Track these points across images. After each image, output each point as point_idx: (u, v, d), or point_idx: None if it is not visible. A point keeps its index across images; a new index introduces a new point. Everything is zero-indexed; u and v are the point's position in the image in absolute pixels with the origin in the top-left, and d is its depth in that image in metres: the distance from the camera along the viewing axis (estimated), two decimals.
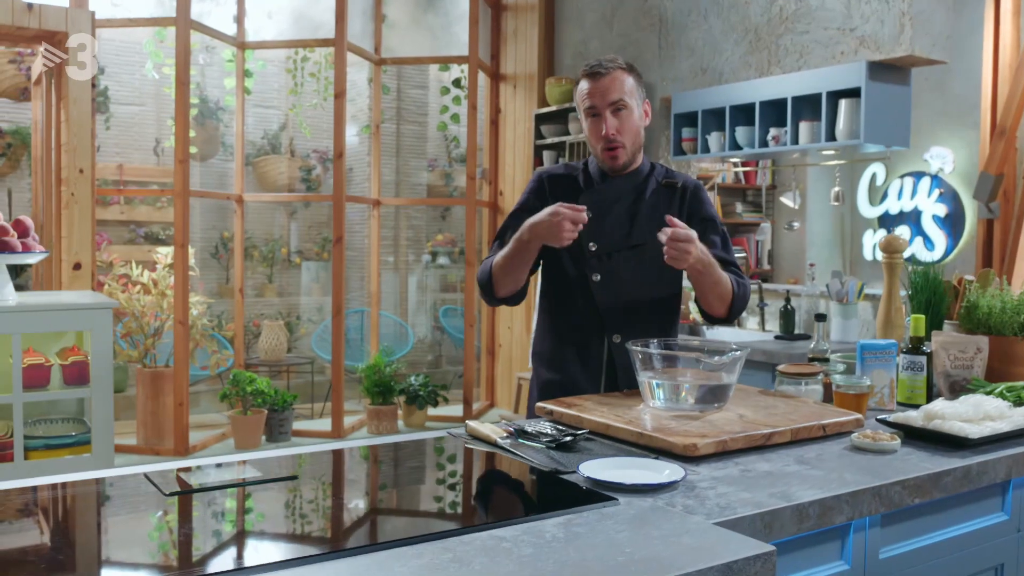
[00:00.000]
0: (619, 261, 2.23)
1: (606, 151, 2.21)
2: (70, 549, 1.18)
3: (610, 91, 2.18)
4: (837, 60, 4.11)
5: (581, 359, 2.23)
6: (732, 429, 1.72)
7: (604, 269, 2.23)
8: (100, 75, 6.54)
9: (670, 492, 1.44)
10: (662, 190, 2.31)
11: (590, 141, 2.25)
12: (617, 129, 2.19)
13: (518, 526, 1.25)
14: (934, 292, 2.32)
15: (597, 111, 2.19)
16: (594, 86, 2.20)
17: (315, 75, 5.99)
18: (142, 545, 1.20)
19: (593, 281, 2.22)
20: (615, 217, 2.26)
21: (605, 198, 2.26)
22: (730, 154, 4.61)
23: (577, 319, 2.25)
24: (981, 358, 2.19)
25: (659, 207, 2.26)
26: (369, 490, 1.50)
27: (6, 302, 3.04)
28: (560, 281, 2.28)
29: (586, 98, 2.21)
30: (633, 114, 2.23)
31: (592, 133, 2.23)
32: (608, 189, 2.27)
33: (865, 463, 1.63)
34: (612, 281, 2.23)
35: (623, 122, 2.21)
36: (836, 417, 1.84)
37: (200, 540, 1.20)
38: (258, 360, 6.84)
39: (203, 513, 1.33)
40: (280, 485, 1.45)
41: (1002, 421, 1.83)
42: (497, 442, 1.72)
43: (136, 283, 5.05)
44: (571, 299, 2.26)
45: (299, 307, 7.89)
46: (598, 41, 5.57)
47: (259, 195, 6.08)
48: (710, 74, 4.79)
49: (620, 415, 1.83)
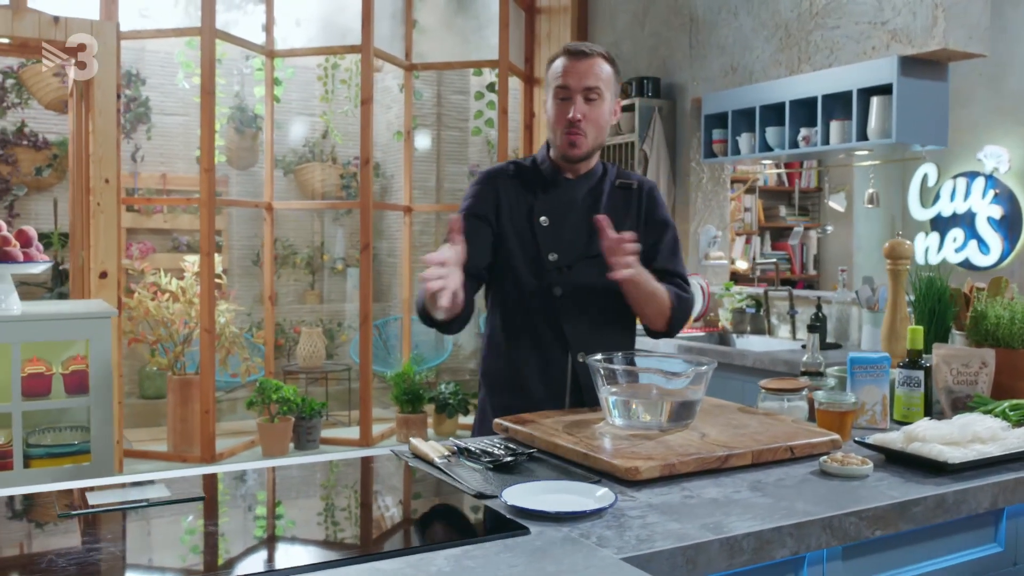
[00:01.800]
0: (581, 272, 2.06)
1: (567, 135, 2.04)
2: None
3: (587, 75, 2.03)
4: (868, 56, 3.92)
5: (543, 381, 2.07)
6: (686, 451, 1.60)
7: (565, 281, 2.06)
8: (142, 86, 6.66)
9: (592, 521, 1.33)
10: (618, 192, 2.15)
11: (551, 125, 2.09)
12: (585, 115, 2.03)
13: (404, 558, 1.16)
14: (938, 300, 2.15)
15: (568, 94, 2.03)
16: (571, 66, 2.04)
17: (346, 82, 5.98)
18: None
19: (555, 295, 2.06)
20: (573, 225, 2.09)
21: (561, 204, 2.10)
22: (760, 156, 4.44)
23: (537, 337, 2.08)
24: (987, 373, 2.02)
25: (617, 210, 2.10)
26: (265, 514, 1.42)
27: (10, 311, 3.07)
28: (516, 296, 2.10)
29: (560, 77, 2.04)
30: (604, 106, 2.08)
31: (557, 116, 2.05)
32: (563, 194, 2.10)
33: (828, 490, 1.50)
34: (575, 294, 2.07)
35: (593, 110, 2.05)
36: (808, 438, 1.70)
37: (61, 567, 1.13)
38: (296, 367, 6.86)
39: (84, 537, 1.26)
40: (181, 507, 1.38)
41: (992, 444, 1.67)
42: (434, 461, 1.63)
43: (165, 291, 5.10)
44: (529, 316, 2.09)
45: (341, 314, 7.91)
46: (630, 42, 5.45)
47: (288, 203, 6.10)
48: (740, 73, 4.62)
49: (574, 433, 1.73)
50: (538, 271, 2.07)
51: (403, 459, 1.69)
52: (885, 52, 3.83)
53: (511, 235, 2.10)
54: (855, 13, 3.98)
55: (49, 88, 6.16)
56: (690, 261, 5.00)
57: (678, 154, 5.09)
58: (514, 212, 2.11)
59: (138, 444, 5.95)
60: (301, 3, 5.46)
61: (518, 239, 2.10)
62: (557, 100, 2.05)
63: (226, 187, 7.23)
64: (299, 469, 1.66)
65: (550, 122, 2.09)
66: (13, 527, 1.32)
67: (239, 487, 1.56)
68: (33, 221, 6.66)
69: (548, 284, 2.06)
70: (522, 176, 2.14)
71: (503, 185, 2.13)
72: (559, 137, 2.06)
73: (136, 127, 6.76)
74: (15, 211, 6.55)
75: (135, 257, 6.71)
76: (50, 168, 6.50)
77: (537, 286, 2.07)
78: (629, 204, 2.14)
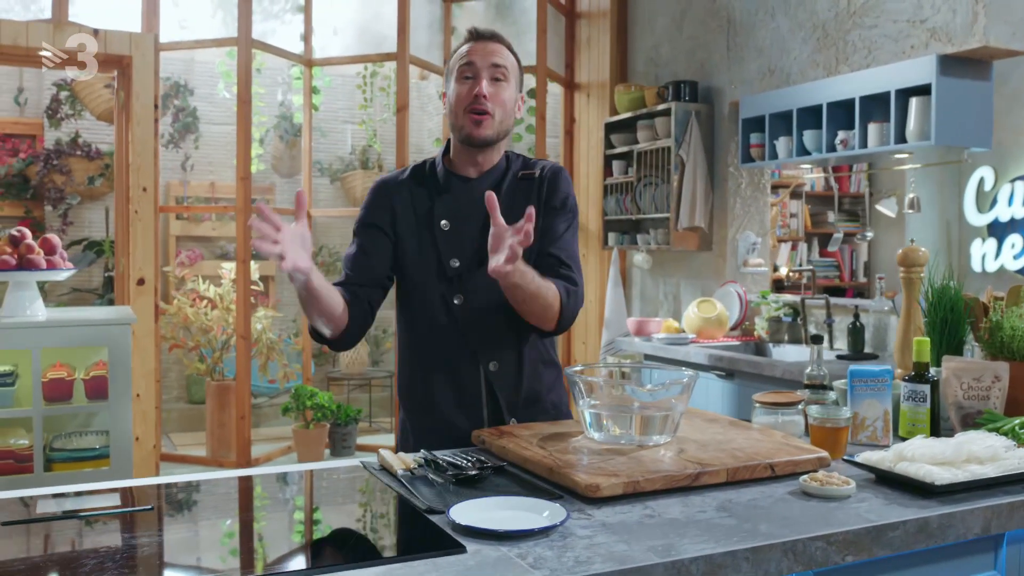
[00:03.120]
0: (482, 278, 1.84)
1: (472, 114, 1.90)
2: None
3: (493, 54, 1.93)
4: (907, 55, 3.77)
5: (456, 395, 1.95)
6: (656, 467, 1.53)
7: (466, 288, 1.93)
8: (189, 96, 6.79)
9: (537, 540, 1.27)
10: (519, 184, 2.00)
11: (452, 109, 1.95)
12: (491, 95, 1.91)
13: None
14: (951, 310, 2.03)
15: (473, 71, 1.92)
16: (476, 46, 1.94)
17: (384, 89, 6.01)
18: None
19: (454, 304, 1.93)
20: (474, 227, 1.94)
21: (462, 206, 1.96)
22: (798, 160, 4.30)
23: (445, 349, 1.95)
24: (1000, 388, 1.90)
25: (517, 202, 1.92)
26: (199, 528, 1.39)
27: (35, 317, 3.13)
28: (422, 306, 1.97)
29: (464, 56, 1.93)
30: (510, 90, 1.96)
31: (459, 95, 1.92)
32: (464, 195, 1.97)
33: (802, 511, 1.41)
34: (479, 301, 1.92)
35: (499, 91, 1.93)
36: (792, 455, 1.62)
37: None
38: (340, 373, 6.91)
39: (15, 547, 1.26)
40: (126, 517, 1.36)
41: (991, 465, 1.56)
42: (397, 474, 1.59)
43: (204, 298, 5.17)
44: (436, 326, 1.95)
45: (387, 320, 7.94)
46: (668, 46, 5.35)
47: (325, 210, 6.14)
48: (777, 75, 4.50)
49: (547, 447, 1.67)
50: (440, 279, 1.94)
51: (370, 471, 1.66)
52: (924, 51, 3.69)
53: (410, 243, 1.98)
54: (893, 11, 3.84)
55: (100, 99, 6.33)
56: (728, 268, 4.89)
57: (716, 159, 4.98)
58: (412, 219, 1.98)
59: (183, 448, 6.06)
60: (338, 12, 5.51)
61: (418, 246, 1.97)
62: (460, 81, 1.94)
63: (272, 195, 7.33)
64: (262, 480, 1.64)
65: (451, 105, 1.96)
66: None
67: (192, 497, 1.54)
68: (87, 229, 6.85)
69: (451, 292, 1.94)
70: (420, 180, 2.02)
71: (397, 191, 2.01)
72: (462, 117, 1.93)
73: (184, 137, 6.90)
74: (69, 219, 6.74)
75: (184, 264, 6.85)
76: (102, 177, 6.67)
77: (440, 295, 1.94)
78: (530, 193, 1.98)
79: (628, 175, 5.35)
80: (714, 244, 4.98)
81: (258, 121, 6.08)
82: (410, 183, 2.01)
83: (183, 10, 5.13)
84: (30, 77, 6.71)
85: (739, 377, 3.83)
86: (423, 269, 1.95)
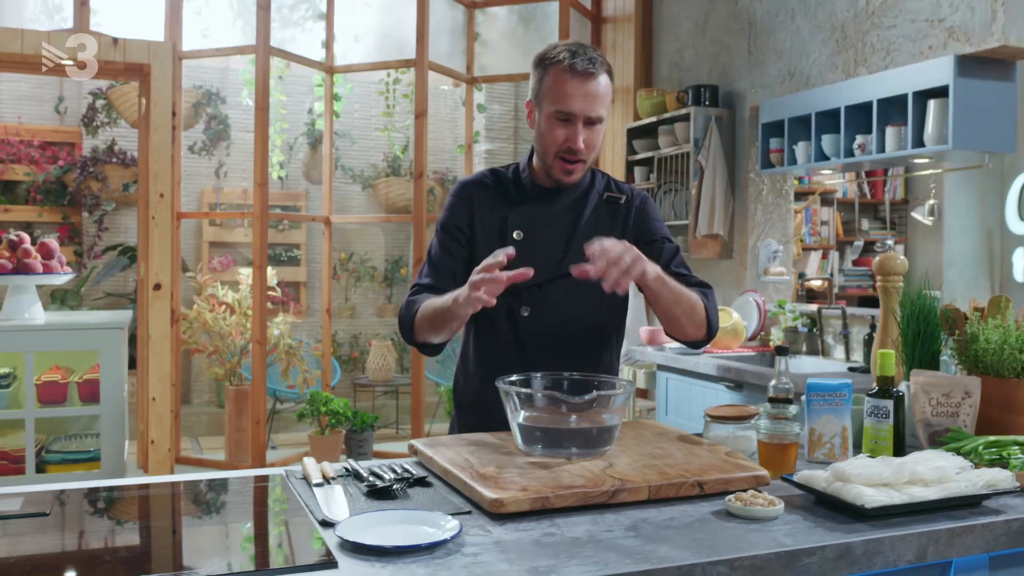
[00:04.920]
0: (551, 292, 1.93)
1: (565, 163, 1.89)
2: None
3: (595, 101, 1.83)
4: (925, 56, 3.62)
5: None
6: (573, 483, 1.46)
7: (534, 301, 1.94)
8: (221, 104, 6.89)
9: (416, 557, 1.21)
10: (604, 206, 2.01)
11: (543, 144, 1.90)
12: (586, 143, 1.87)
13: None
14: (925, 322, 1.92)
15: (572, 119, 1.85)
16: (578, 89, 1.82)
17: (408, 96, 6.00)
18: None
19: (522, 316, 1.94)
20: (549, 241, 1.95)
21: (538, 219, 1.97)
22: (817, 165, 4.17)
23: (507, 360, 1.95)
24: (970, 404, 1.78)
25: (600, 227, 1.96)
26: (63, 538, 1.35)
27: (33, 321, 3.17)
28: (487, 316, 1.95)
29: (563, 100, 1.83)
30: (603, 128, 1.91)
31: (552, 138, 1.87)
32: (542, 207, 1.97)
33: (715, 533, 1.33)
34: (542, 315, 1.94)
35: (594, 136, 1.89)
36: (726, 473, 1.53)
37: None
38: (367, 380, 6.92)
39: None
40: (14, 523, 1.34)
41: (936, 487, 1.46)
42: (310, 483, 1.55)
43: (222, 303, 5.22)
44: (500, 337, 1.98)
45: None
46: (692, 50, 5.25)
47: (345, 216, 6.15)
48: (797, 79, 4.37)
49: (474, 459, 1.61)
50: (509, 289, 1.87)
51: (290, 480, 1.62)
52: (942, 51, 3.53)
53: (483, 249, 1.97)
54: (912, 10, 3.69)
55: (134, 108, 6.45)
56: (748, 276, 4.76)
57: (737, 165, 4.86)
58: (488, 225, 1.99)
59: (208, 452, 6.13)
60: (360, 19, 5.52)
61: (489, 253, 1.94)
62: (554, 121, 1.87)
63: (304, 201, 7.39)
64: (172, 487, 1.61)
65: (541, 138, 1.91)
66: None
67: (98, 503, 1.51)
68: (122, 235, 6.99)
69: (515, 303, 1.93)
70: (500, 186, 2.02)
71: (478, 196, 2.02)
72: (552, 159, 1.91)
73: (216, 144, 7.00)
74: (104, 225, 6.88)
75: (216, 269, 6.94)
76: (136, 184, 6.79)
77: (506, 305, 1.93)
78: (615, 218, 1.99)
79: (649, 181, 5.25)
80: (734, 252, 4.85)
81: (280, 128, 6.13)
82: (491, 187, 2.02)
83: (205, 19, 5.19)
84: (70, 87, 6.87)
85: (747, 388, 3.71)
86: None
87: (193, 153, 6.98)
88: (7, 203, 6.71)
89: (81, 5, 4.53)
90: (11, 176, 6.68)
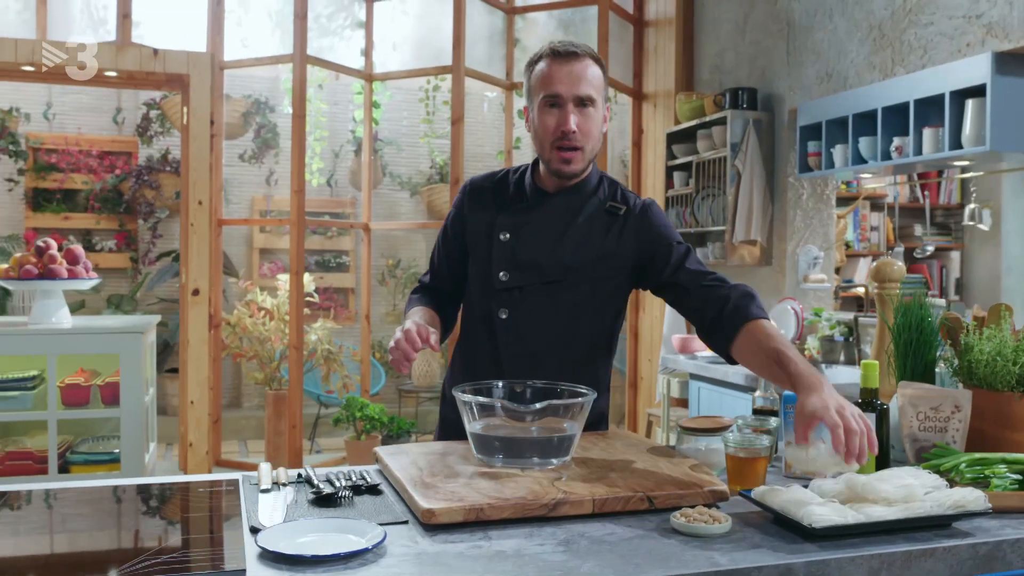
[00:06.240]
0: (532, 296, 1.88)
1: (561, 151, 1.81)
2: None
3: (580, 80, 1.79)
4: (963, 54, 3.47)
5: None
6: (515, 493, 1.42)
7: (514, 304, 1.89)
8: (270, 113, 7.01)
9: (330, 566, 1.19)
10: (601, 216, 1.91)
11: (539, 138, 1.85)
12: (579, 126, 1.81)
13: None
14: (919, 331, 1.82)
15: (559, 101, 1.80)
16: (561, 70, 1.79)
17: (448, 103, 6.00)
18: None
19: (499, 318, 1.90)
20: (536, 244, 1.89)
21: (528, 221, 1.91)
22: (855, 168, 4.04)
23: (483, 360, 1.93)
24: (959, 419, 1.69)
25: (592, 235, 1.89)
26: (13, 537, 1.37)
27: (60, 325, 3.26)
28: (471, 316, 1.98)
29: (548, 84, 1.80)
30: (598, 114, 1.84)
31: (545, 127, 1.82)
32: (534, 209, 1.91)
33: (653, 551, 1.28)
34: (521, 319, 1.89)
35: (587, 121, 1.82)
36: (680, 488, 1.47)
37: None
38: (411, 386, 6.95)
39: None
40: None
41: (899, 507, 1.37)
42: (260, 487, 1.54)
43: (262, 309, 5.30)
44: (479, 337, 1.95)
45: None
46: (732, 52, 5.14)
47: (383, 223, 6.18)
48: (835, 80, 4.24)
49: (427, 468, 1.58)
50: (488, 290, 1.92)
51: (244, 485, 1.62)
52: (980, 48, 3.38)
53: (473, 250, 1.98)
54: (949, 7, 3.54)
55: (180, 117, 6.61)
56: (787, 283, 4.63)
57: (776, 169, 4.73)
58: (478, 226, 1.97)
59: (254, 455, 6.23)
60: (398, 27, 5.55)
61: (478, 253, 1.96)
62: (544, 109, 1.83)
63: (353, 208, 7.47)
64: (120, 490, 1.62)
65: (536, 133, 1.87)
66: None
67: (25, 505, 1.53)
68: (175, 241, 7.15)
69: (497, 305, 1.90)
70: (500, 187, 1.98)
71: (472, 198, 1.99)
72: (549, 151, 1.85)
73: (265, 152, 7.12)
74: (158, 232, 7.06)
75: (266, 275, 7.06)
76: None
77: (486, 307, 1.92)
78: (610, 229, 1.90)
79: (688, 187, 5.16)
80: (773, 258, 4.73)
81: (320, 136, 6.20)
82: (489, 189, 1.99)
83: (245, 29, 5.29)
84: (127, 98, 7.08)
85: None
86: (478, 278, 1.95)
87: (243, 161, 7.12)
88: (67, 211, 6.94)
89: (124, 18, 4.66)
90: (71, 185, 6.90)
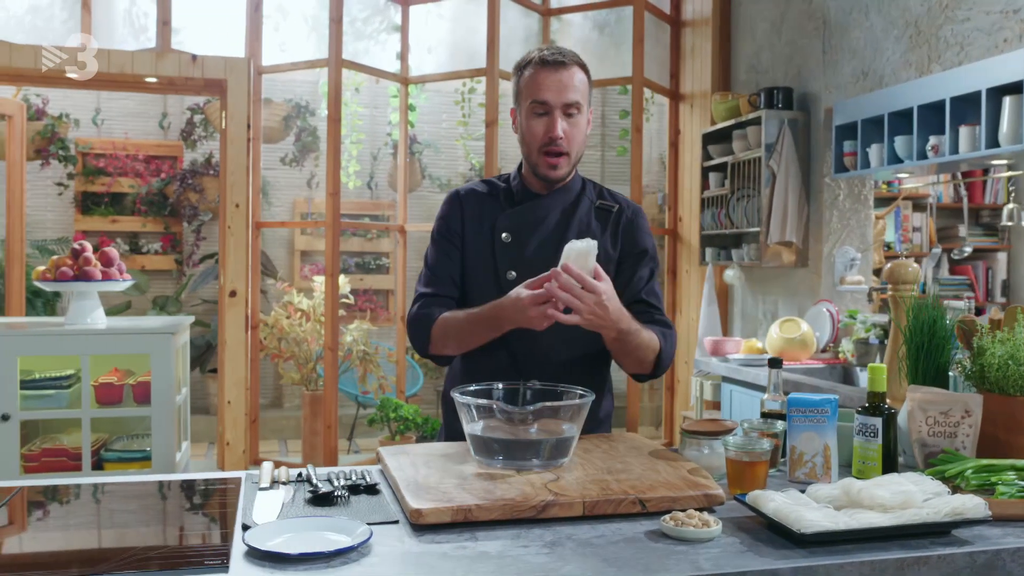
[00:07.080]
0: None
1: (548, 156, 1.91)
2: None
3: (568, 88, 1.88)
4: (1000, 49, 3.39)
5: None
6: (503, 495, 1.42)
7: None
8: (310, 116, 7.10)
9: (311, 565, 1.21)
10: (596, 213, 2.01)
11: (526, 143, 1.95)
12: (565, 133, 1.90)
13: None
14: (931, 334, 1.78)
15: (546, 109, 1.89)
16: (550, 78, 1.89)
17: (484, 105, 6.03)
18: None
19: None
20: (538, 243, 1.96)
21: (528, 222, 1.97)
22: (890, 168, 3.96)
23: (491, 361, 1.95)
24: (970, 423, 1.65)
25: (590, 233, 1.96)
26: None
27: (95, 325, 3.34)
28: None
29: (537, 91, 1.89)
30: (583, 119, 1.94)
31: (532, 133, 1.91)
32: (531, 211, 1.98)
33: (638, 554, 1.27)
34: None
35: (574, 128, 1.92)
36: (674, 491, 1.46)
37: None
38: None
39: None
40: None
41: (894, 513, 1.35)
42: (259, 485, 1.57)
43: (298, 310, 5.37)
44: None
45: None
46: (768, 52, 5.08)
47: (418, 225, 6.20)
48: (871, 78, 4.16)
49: (431, 468, 1.59)
50: (496, 291, 1.93)
51: (247, 484, 1.64)
52: (1018, 44, 3.30)
53: (473, 254, 2.01)
54: (986, 1, 3.46)
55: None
56: (823, 285, 4.56)
57: (812, 169, 4.66)
58: (477, 230, 2.01)
59: (293, 455, 6.32)
60: (432, 30, 5.59)
61: (479, 257, 2.00)
62: (532, 116, 1.92)
63: (393, 210, 7.52)
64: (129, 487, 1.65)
65: (523, 138, 1.95)
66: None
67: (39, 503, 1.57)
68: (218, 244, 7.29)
69: None
70: (491, 193, 2.04)
71: (469, 202, 2.04)
72: (536, 156, 1.94)
73: (306, 156, 7.21)
74: (202, 235, 7.20)
75: (307, 277, 7.15)
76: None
77: None
78: (607, 225, 2.00)
79: (723, 187, 5.11)
80: (809, 260, 4.65)
81: (357, 139, 6.26)
82: (483, 195, 2.04)
83: (283, 33, 5.36)
84: (173, 103, 7.23)
85: None
86: (481, 280, 1.98)
87: (284, 164, 7.22)
88: (115, 214, 7.11)
89: (163, 25, 4.76)
90: (118, 189, 7.07)
